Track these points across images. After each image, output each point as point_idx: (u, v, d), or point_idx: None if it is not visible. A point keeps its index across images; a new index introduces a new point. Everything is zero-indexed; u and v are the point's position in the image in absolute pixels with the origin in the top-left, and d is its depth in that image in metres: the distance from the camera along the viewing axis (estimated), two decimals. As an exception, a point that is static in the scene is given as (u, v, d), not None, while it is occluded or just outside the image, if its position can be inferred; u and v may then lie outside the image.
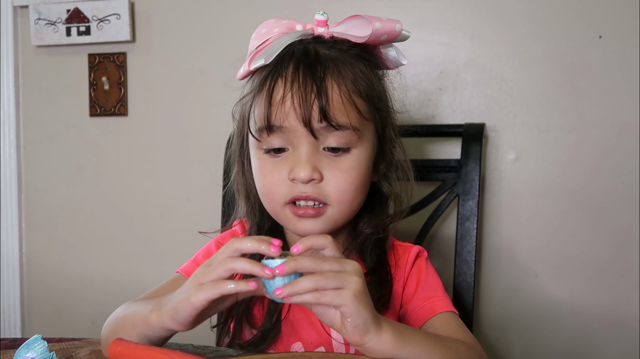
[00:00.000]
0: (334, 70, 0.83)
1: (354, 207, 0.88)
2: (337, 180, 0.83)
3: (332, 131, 0.82)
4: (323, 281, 0.65)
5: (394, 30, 0.87)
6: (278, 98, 0.82)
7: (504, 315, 1.41)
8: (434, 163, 1.31)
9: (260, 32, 0.89)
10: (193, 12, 1.59)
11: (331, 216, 0.85)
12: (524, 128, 1.39)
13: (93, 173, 1.69)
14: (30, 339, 0.67)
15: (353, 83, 0.84)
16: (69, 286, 1.71)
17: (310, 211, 0.84)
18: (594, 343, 1.37)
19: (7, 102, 1.72)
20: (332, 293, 0.65)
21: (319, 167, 0.83)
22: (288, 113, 0.81)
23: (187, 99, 1.61)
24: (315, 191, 0.83)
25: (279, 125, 0.82)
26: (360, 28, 0.86)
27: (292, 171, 0.83)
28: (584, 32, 1.34)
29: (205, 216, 1.41)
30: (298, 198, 0.84)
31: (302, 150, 0.82)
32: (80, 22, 1.62)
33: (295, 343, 0.89)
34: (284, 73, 0.83)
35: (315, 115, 0.81)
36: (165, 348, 0.68)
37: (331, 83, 0.82)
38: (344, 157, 0.84)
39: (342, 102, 0.82)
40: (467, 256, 1.23)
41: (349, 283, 0.65)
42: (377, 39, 0.86)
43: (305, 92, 0.81)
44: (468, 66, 1.41)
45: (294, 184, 0.83)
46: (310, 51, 0.84)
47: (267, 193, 0.87)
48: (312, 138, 0.82)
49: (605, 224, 1.35)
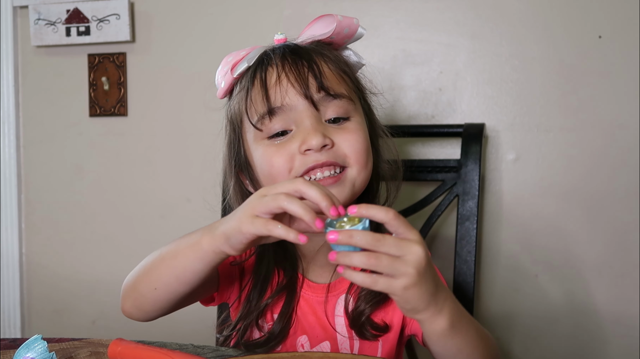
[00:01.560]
0: (318, 53, 0.87)
1: (369, 170, 0.88)
2: (350, 142, 0.84)
3: (331, 100, 0.84)
4: (376, 264, 0.64)
5: (352, 23, 0.90)
6: (273, 81, 0.84)
7: (503, 315, 1.41)
8: (433, 163, 1.31)
9: (227, 60, 0.91)
10: (193, 12, 1.59)
11: (351, 179, 0.85)
12: (524, 128, 1.39)
13: (93, 173, 1.69)
14: (30, 339, 0.67)
15: (336, 63, 0.88)
16: (69, 286, 1.71)
17: (330, 181, 0.83)
18: (594, 343, 1.37)
19: (7, 102, 1.72)
20: (383, 282, 0.65)
21: (327, 134, 0.83)
22: (287, 90, 0.83)
23: (186, 99, 1.61)
24: (331, 155, 0.83)
25: (279, 105, 0.83)
26: (323, 24, 0.89)
27: (303, 142, 0.82)
28: (584, 32, 1.34)
29: (205, 216, 1.41)
30: (314, 167, 0.82)
31: (307, 123, 0.83)
32: (80, 22, 1.62)
33: (301, 336, 0.89)
34: (272, 62, 0.86)
35: (312, 87, 0.83)
36: (165, 348, 0.68)
37: (320, 61, 0.86)
38: (347, 123, 0.86)
39: (334, 74, 0.86)
40: (467, 256, 1.23)
41: (402, 274, 0.65)
42: (341, 31, 0.89)
43: (298, 68, 0.84)
44: (468, 66, 1.41)
45: (306, 157, 0.82)
46: (290, 45, 0.88)
47: (276, 174, 0.84)
48: (314, 109, 0.83)
49: (605, 224, 1.35)
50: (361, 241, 0.64)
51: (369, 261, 0.64)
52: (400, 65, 1.44)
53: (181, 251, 0.77)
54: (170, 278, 0.78)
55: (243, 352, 0.81)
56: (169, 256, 0.78)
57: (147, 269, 0.82)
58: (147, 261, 0.84)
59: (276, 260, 0.91)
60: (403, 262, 0.65)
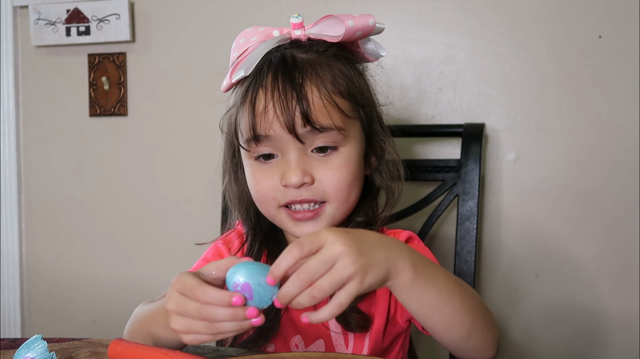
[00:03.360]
0: (312, 73, 0.84)
1: (350, 203, 0.88)
2: (330, 179, 0.84)
3: (317, 134, 0.82)
4: (307, 273, 0.61)
5: (367, 25, 0.86)
6: (261, 109, 0.83)
7: (504, 315, 1.41)
8: (433, 163, 1.31)
9: (239, 42, 0.90)
10: (193, 12, 1.59)
11: (330, 214, 0.86)
12: (524, 128, 1.39)
13: (93, 173, 1.69)
14: (30, 339, 0.67)
15: (332, 84, 0.84)
16: (69, 286, 1.71)
17: (308, 214, 0.85)
18: (594, 343, 1.37)
19: (7, 102, 1.72)
20: (344, 294, 0.62)
21: (309, 169, 0.83)
22: (272, 122, 0.82)
23: (186, 99, 1.61)
24: (310, 193, 0.84)
25: (264, 135, 0.83)
26: (334, 28, 0.86)
27: (283, 177, 0.83)
28: (584, 32, 1.34)
29: (205, 216, 1.41)
30: (293, 202, 0.84)
31: (290, 156, 0.83)
32: (80, 22, 1.62)
33: (294, 336, 0.89)
34: (264, 83, 0.84)
35: (298, 121, 0.81)
36: (165, 348, 0.68)
37: (310, 88, 0.83)
38: (333, 155, 0.84)
39: (324, 104, 0.83)
40: (467, 256, 1.23)
41: (347, 279, 0.62)
42: (352, 36, 0.86)
43: (286, 99, 0.82)
44: (468, 66, 1.41)
45: (287, 189, 0.84)
46: (287, 57, 0.85)
47: (261, 199, 0.87)
48: (298, 143, 0.83)
49: (606, 224, 1.35)
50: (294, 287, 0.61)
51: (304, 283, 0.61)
52: (400, 65, 1.44)
53: (163, 339, 0.76)
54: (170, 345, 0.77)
55: (243, 352, 0.81)
56: (152, 340, 0.78)
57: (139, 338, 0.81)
58: (133, 326, 0.84)
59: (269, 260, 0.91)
60: (337, 271, 0.62)
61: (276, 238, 0.93)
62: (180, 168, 1.62)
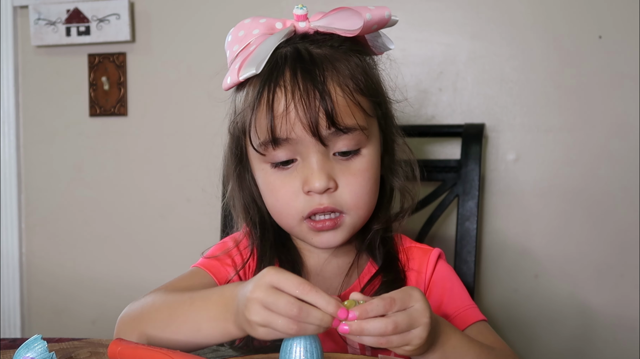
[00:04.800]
0: (332, 70, 0.79)
1: (370, 209, 0.86)
2: (352, 187, 0.81)
3: (341, 135, 0.79)
4: (395, 326, 0.63)
5: (384, 17, 0.82)
6: (281, 110, 0.78)
7: (504, 315, 1.41)
8: (433, 163, 1.31)
9: (238, 35, 0.85)
10: (193, 12, 1.59)
11: (349, 224, 0.84)
12: (524, 128, 1.39)
13: (93, 173, 1.69)
14: (30, 339, 0.67)
15: (353, 81, 0.80)
16: (69, 286, 1.71)
17: (328, 224, 0.82)
18: (594, 343, 1.37)
19: (7, 102, 1.72)
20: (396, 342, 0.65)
21: (332, 174, 0.80)
22: (294, 124, 0.77)
23: (186, 99, 1.61)
24: (332, 201, 0.80)
25: (285, 138, 0.78)
26: (349, 21, 0.81)
27: (306, 183, 0.79)
28: (584, 32, 1.34)
29: (205, 217, 1.41)
30: (316, 211, 0.81)
31: (312, 160, 0.79)
32: (80, 22, 1.62)
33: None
34: (281, 82, 0.78)
35: (322, 123, 0.77)
36: (165, 348, 0.68)
37: (333, 86, 0.78)
38: (355, 159, 0.82)
39: (347, 103, 0.79)
40: (467, 256, 1.23)
41: (414, 343, 0.65)
42: (369, 29, 0.82)
43: (309, 99, 0.77)
44: (468, 66, 1.41)
45: (309, 197, 0.80)
46: (302, 53, 0.80)
47: (281, 209, 0.83)
48: (321, 146, 0.79)
49: (605, 224, 1.35)
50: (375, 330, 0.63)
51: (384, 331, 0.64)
52: (400, 65, 1.44)
53: (205, 329, 0.72)
54: (191, 345, 0.74)
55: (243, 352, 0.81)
56: (188, 329, 0.73)
57: (159, 329, 0.75)
58: (151, 312, 0.78)
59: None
60: (411, 336, 0.65)
61: (286, 245, 0.90)
62: (180, 168, 1.62)
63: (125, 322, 0.80)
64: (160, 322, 0.75)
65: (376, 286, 0.87)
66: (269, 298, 0.63)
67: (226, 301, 0.71)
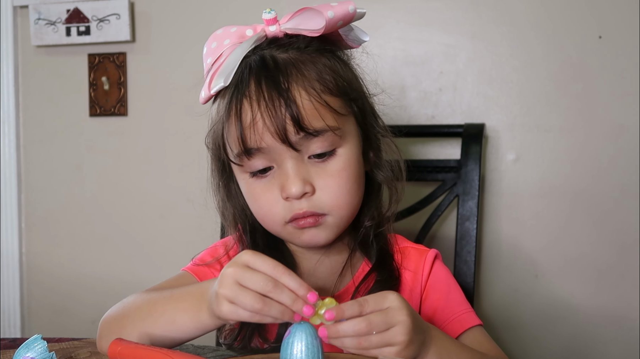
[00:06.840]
0: (297, 74, 0.79)
1: (354, 207, 0.86)
2: (330, 188, 0.81)
3: (312, 138, 0.78)
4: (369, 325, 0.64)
5: (348, 13, 0.81)
6: (248, 121, 0.78)
7: (504, 315, 1.41)
8: (433, 163, 1.31)
9: (211, 47, 0.86)
10: (193, 12, 1.59)
11: (332, 224, 0.83)
12: (524, 128, 1.39)
13: (93, 173, 1.69)
14: (30, 339, 0.67)
15: (320, 83, 0.80)
16: (68, 286, 1.71)
17: (310, 220, 0.82)
18: (594, 343, 1.37)
19: (7, 102, 1.72)
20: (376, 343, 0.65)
21: (308, 178, 0.80)
22: (262, 133, 0.78)
23: (186, 99, 1.61)
24: (311, 204, 0.81)
25: (256, 147, 0.79)
26: (312, 21, 0.81)
27: (283, 189, 0.80)
28: (584, 32, 1.34)
29: (205, 217, 1.41)
30: (296, 216, 0.81)
31: (287, 166, 0.80)
32: (80, 22, 1.62)
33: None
34: (247, 92, 0.79)
35: (290, 129, 0.77)
36: (164, 348, 0.68)
37: (298, 91, 0.78)
38: (331, 160, 0.81)
39: (314, 106, 0.78)
40: (467, 256, 1.23)
41: (394, 344, 0.65)
42: (333, 27, 0.81)
43: (274, 107, 0.77)
44: (468, 66, 1.41)
45: (288, 202, 0.81)
46: (267, 60, 0.81)
47: (264, 215, 0.84)
48: (293, 152, 0.79)
49: (605, 224, 1.35)
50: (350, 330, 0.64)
51: (359, 330, 0.64)
52: (400, 65, 1.44)
53: (179, 320, 0.74)
54: (166, 340, 0.75)
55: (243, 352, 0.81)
56: (164, 322, 0.75)
57: (137, 325, 0.77)
58: (131, 309, 0.80)
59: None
60: (391, 334, 0.66)
61: (280, 249, 0.91)
62: (180, 168, 1.62)
63: (108, 321, 0.81)
64: (139, 318, 0.77)
65: (370, 284, 0.87)
66: (244, 274, 0.66)
67: (202, 292, 0.73)
